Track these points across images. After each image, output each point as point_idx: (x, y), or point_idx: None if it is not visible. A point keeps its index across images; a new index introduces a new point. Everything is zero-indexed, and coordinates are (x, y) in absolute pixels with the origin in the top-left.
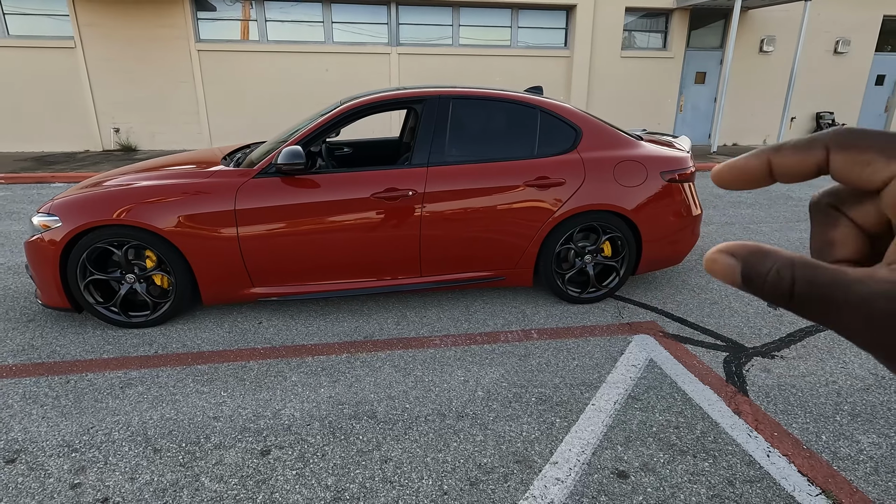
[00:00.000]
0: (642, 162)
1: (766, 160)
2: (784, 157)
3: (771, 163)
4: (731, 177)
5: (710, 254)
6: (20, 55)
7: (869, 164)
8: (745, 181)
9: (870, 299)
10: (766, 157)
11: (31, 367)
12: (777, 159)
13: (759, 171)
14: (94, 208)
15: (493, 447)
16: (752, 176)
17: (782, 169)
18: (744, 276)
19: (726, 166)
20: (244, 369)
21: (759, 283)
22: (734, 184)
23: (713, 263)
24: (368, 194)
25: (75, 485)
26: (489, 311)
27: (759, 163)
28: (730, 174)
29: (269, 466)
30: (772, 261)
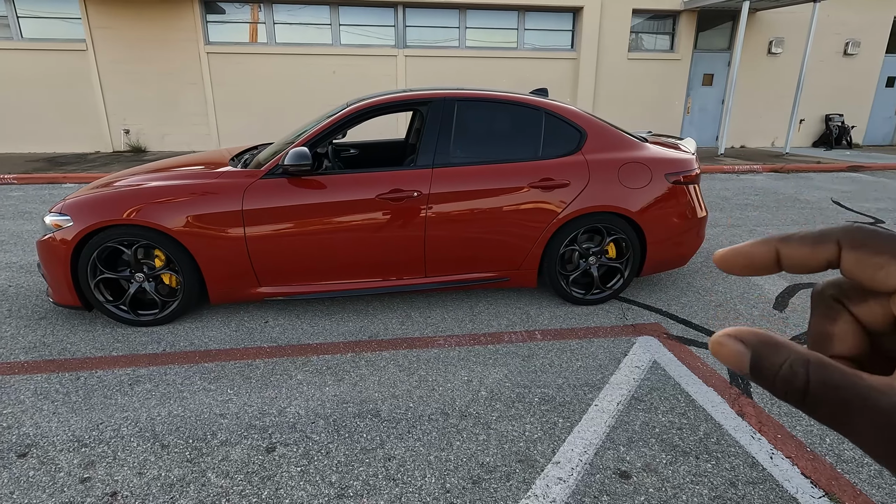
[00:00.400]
0: (647, 164)
1: (774, 250)
2: (793, 248)
3: (779, 253)
4: (737, 263)
5: (718, 337)
6: (33, 58)
7: (882, 267)
8: (750, 269)
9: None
10: (774, 246)
11: (43, 364)
12: (786, 250)
13: (767, 261)
14: (105, 208)
15: (495, 446)
16: (758, 264)
17: (790, 261)
18: (753, 366)
19: (732, 252)
20: (250, 367)
21: (770, 376)
22: (739, 270)
23: (720, 347)
24: (374, 195)
25: (85, 479)
26: (493, 312)
27: (766, 251)
28: (735, 260)
29: (274, 463)
30: (785, 355)
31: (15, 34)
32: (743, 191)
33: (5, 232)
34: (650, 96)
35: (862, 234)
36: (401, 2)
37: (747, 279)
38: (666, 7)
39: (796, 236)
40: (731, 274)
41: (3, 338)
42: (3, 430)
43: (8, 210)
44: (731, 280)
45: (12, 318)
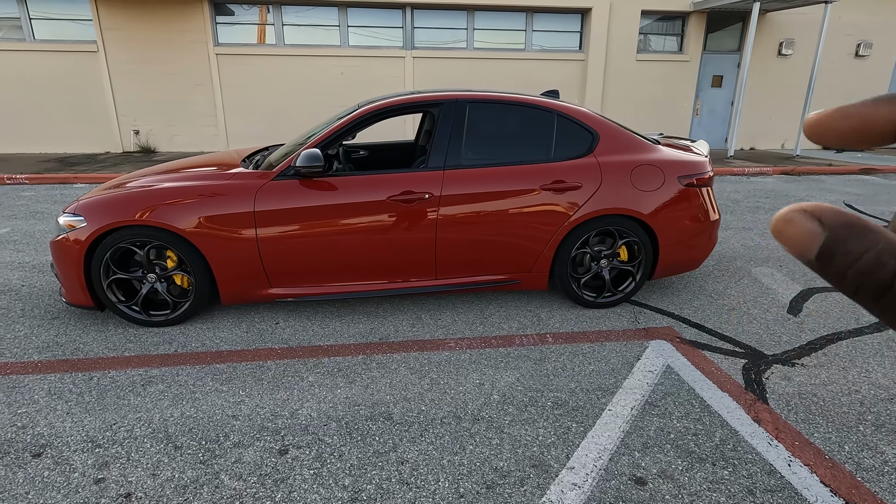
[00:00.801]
0: (659, 166)
1: None
2: None
3: None
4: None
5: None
6: (45, 59)
7: None
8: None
9: None
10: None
11: (56, 364)
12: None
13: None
14: (118, 209)
15: (509, 451)
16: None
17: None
18: (824, 249)
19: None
20: (262, 369)
21: (846, 263)
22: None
23: (787, 224)
24: (385, 197)
25: (99, 479)
26: (504, 315)
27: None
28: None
29: (287, 465)
30: (873, 241)
31: (27, 35)
32: (753, 193)
33: (18, 231)
34: (658, 98)
35: None
36: (409, 3)
37: (759, 283)
38: (675, 8)
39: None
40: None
41: (16, 337)
42: (18, 429)
43: (20, 210)
44: (744, 283)
45: (25, 318)
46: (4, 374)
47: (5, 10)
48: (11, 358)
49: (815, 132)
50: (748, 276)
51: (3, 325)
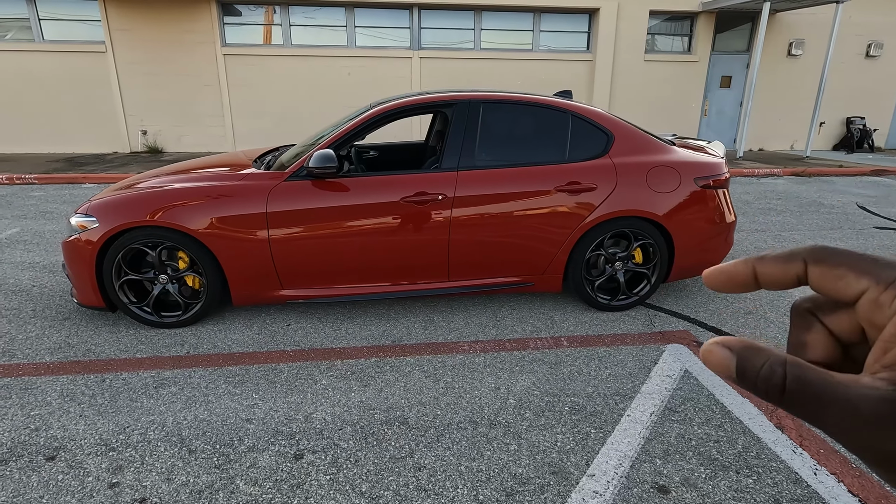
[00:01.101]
0: (676, 167)
1: (752, 268)
2: (767, 266)
3: (756, 271)
4: (721, 281)
5: (707, 345)
6: (54, 59)
7: (841, 278)
8: (732, 285)
9: (856, 401)
10: (752, 265)
11: (68, 365)
12: (761, 268)
13: (746, 278)
14: (131, 209)
15: (527, 457)
16: (739, 282)
17: (766, 278)
18: (738, 369)
19: (717, 270)
20: (275, 371)
21: (752, 377)
22: (724, 287)
23: (709, 354)
24: (398, 198)
25: (113, 484)
26: (517, 318)
27: (745, 270)
28: (719, 279)
29: (303, 471)
30: (765, 357)
31: (36, 36)
32: (764, 195)
33: (28, 231)
34: (666, 98)
35: (824, 251)
36: (416, 3)
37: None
38: (683, 8)
39: (770, 256)
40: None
41: (28, 338)
42: (32, 432)
43: (30, 210)
44: None
45: (37, 319)
46: (17, 375)
47: (15, 11)
48: (24, 359)
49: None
50: None
51: (15, 325)
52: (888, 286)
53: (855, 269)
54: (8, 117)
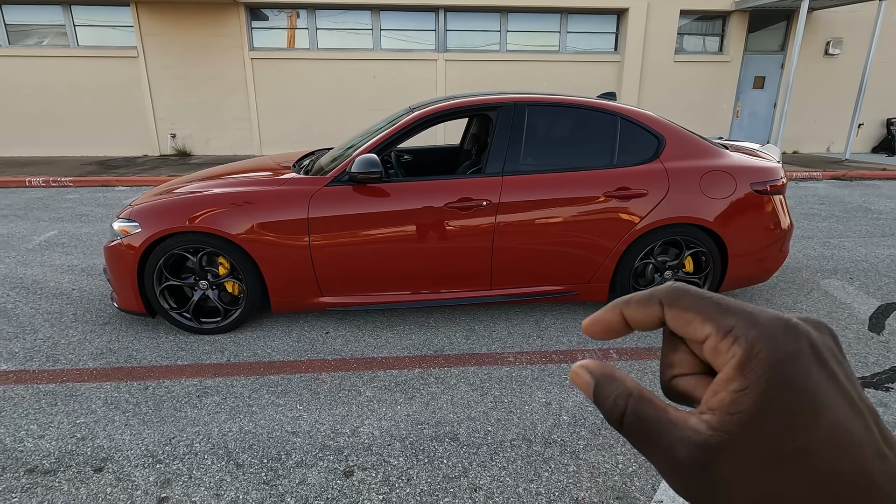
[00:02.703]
0: (731, 172)
1: (620, 313)
2: (632, 310)
3: (624, 315)
4: (599, 330)
5: (575, 366)
6: (88, 65)
7: (690, 322)
8: (609, 333)
9: (673, 444)
10: (619, 310)
11: (111, 372)
12: (627, 312)
13: (618, 323)
14: (172, 215)
15: (588, 480)
16: (613, 328)
17: (634, 322)
18: (594, 394)
19: (593, 320)
20: (317, 381)
21: (602, 403)
22: (603, 335)
23: (575, 376)
24: (442, 204)
25: (163, 499)
26: (561, 328)
27: (615, 316)
28: (597, 328)
29: (353, 489)
30: (614, 388)
31: (72, 42)
32: (805, 199)
33: (66, 234)
34: (697, 100)
35: (676, 293)
36: (442, 5)
37: (831, 297)
38: (715, 8)
39: (633, 299)
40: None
41: (70, 343)
42: (78, 441)
43: (66, 212)
44: (815, 297)
45: (78, 323)
46: (62, 381)
47: (51, 18)
48: (67, 364)
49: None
50: (818, 288)
51: (57, 329)
52: (726, 334)
53: (700, 314)
54: (44, 121)
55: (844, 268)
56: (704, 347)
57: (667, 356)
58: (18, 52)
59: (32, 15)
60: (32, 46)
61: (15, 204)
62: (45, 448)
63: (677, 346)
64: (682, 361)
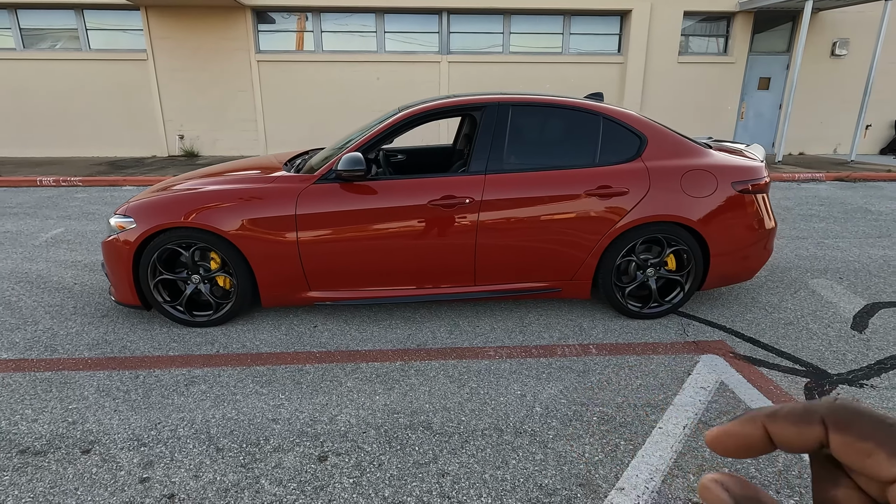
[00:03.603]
0: (712, 171)
1: (762, 427)
2: (780, 428)
3: (768, 431)
4: (731, 445)
5: (706, 480)
6: (99, 67)
7: (869, 455)
8: (746, 451)
9: None
10: (762, 424)
11: (105, 361)
12: (774, 429)
13: (759, 440)
14: (166, 211)
15: (553, 467)
16: (752, 445)
17: (781, 440)
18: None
19: (723, 433)
20: (301, 372)
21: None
22: (734, 452)
23: (706, 491)
24: (425, 201)
25: (144, 479)
26: (544, 324)
27: (755, 431)
28: (728, 442)
29: (326, 473)
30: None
31: (84, 45)
32: (806, 200)
33: (71, 232)
34: (701, 101)
35: (846, 413)
36: (445, 8)
37: (818, 296)
38: (720, 9)
39: (782, 412)
40: (727, 457)
41: (69, 334)
42: (69, 425)
43: (74, 211)
44: (801, 296)
45: (77, 315)
46: (58, 369)
47: (65, 22)
48: (64, 354)
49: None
50: (805, 287)
51: (57, 321)
52: None
53: (887, 446)
54: (57, 122)
55: (835, 268)
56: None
57: (824, 490)
58: (33, 56)
59: (46, 19)
60: (46, 50)
61: (26, 202)
62: (38, 431)
63: (839, 480)
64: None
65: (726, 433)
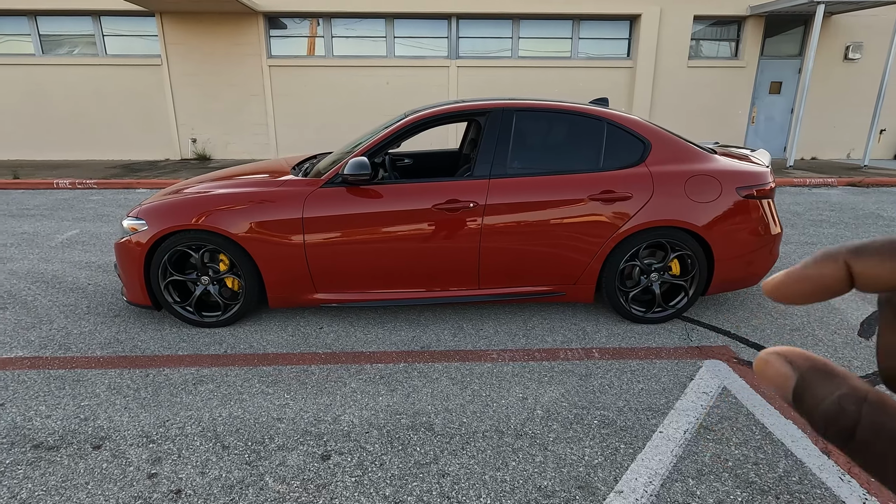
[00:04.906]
0: (716, 176)
1: (845, 266)
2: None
3: (852, 269)
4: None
5: (765, 354)
6: (114, 72)
7: None
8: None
9: None
10: (844, 261)
11: (116, 360)
12: (861, 266)
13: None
14: (177, 213)
15: (553, 470)
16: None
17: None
18: (796, 392)
19: (790, 277)
20: (306, 373)
21: (812, 408)
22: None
23: (765, 365)
24: (430, 205)
25: (152, 474)
26: (547, 327)
27: (836, 271)
28: (797, 287)
29: (329, 471)
30: (835, 386)
31: (100, 51)
32: (816, 206)
33: (86, 233)
34: (711, 105)
35: None
36: (454, 13)
37: (825, 302)
38: (730, 13)
39: (871, 247)
40: (792, 304)
41: (82, 333)
42: (81, 421)
43: (89, 213)
44: None
45: (90, 315)
46: (71, 367)
47: (82, 28)
48: (77, 352)
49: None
50: None
51: (71, 320)
52: None
53: None
54: (73, 126)
55: None
56: None
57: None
58: (50, 61)
59: (64, 25)
60: (63, 55)
61: (42, 204)
62: (51, 427)
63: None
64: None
65: (798, 277)
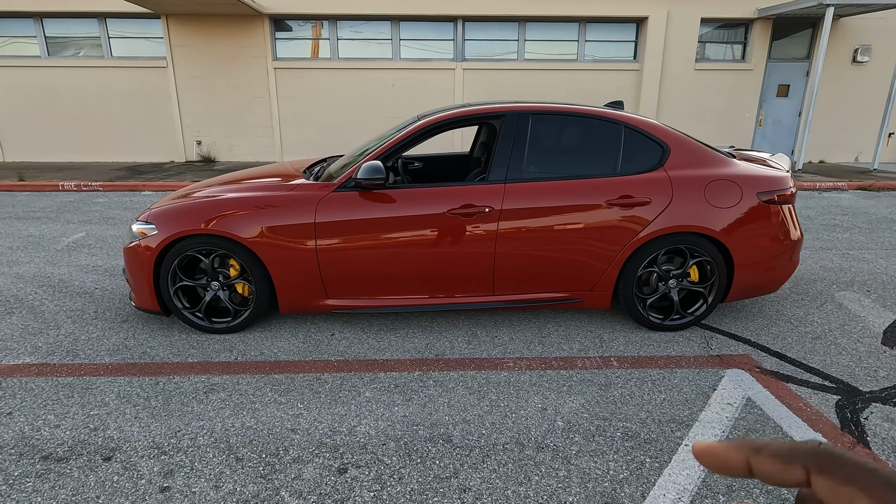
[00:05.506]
0: (736, 181)
1: (746, 460)
2: (763, 463)
3: (750, 463)
4: (711, 463)
5: None
6: (120, 74)
7: (852, 500)
8: (723, 471)
9: None
10: (746, 455)
11: (125, 367)
12: (756, 463)
13: (738, 467)
14: (187, 218)
15: (577, 485)
16: (731, 469)
17: (761, 474)
18: None
19: (708, 450)
20: (319, 381)
21: None
22: (714, 469)
23: None
24: (444, 210)
25: (164, 488)
26: (563, 335)
27: (738, 459)
28: (709, 460)
29: (346, 486)
30: None
31: (106, 53)
32: (828, 210)
33: (93, 236)
34: (719, 108)
35: (830, 458)
36: (460, 16)
37: (846, 309)
38: (738, 15)
39: (768, 450)
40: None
41: (90, 339)
42: (91, 431)
43: (95, 215)
44: (828, 309)
45: (98, 320)
46: (79, 375)
47: (88, 30)
48: (85, 359)
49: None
50: (831, 300)
51: (78, 326)
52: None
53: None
54: (79, 128)
55: (862, 280)
56: None
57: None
58: (57, 63)
59: (70, 28)
60: (69, 57)
61: (48, 207)
62: (60, 437)
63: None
64: None
65: (711, 452)
